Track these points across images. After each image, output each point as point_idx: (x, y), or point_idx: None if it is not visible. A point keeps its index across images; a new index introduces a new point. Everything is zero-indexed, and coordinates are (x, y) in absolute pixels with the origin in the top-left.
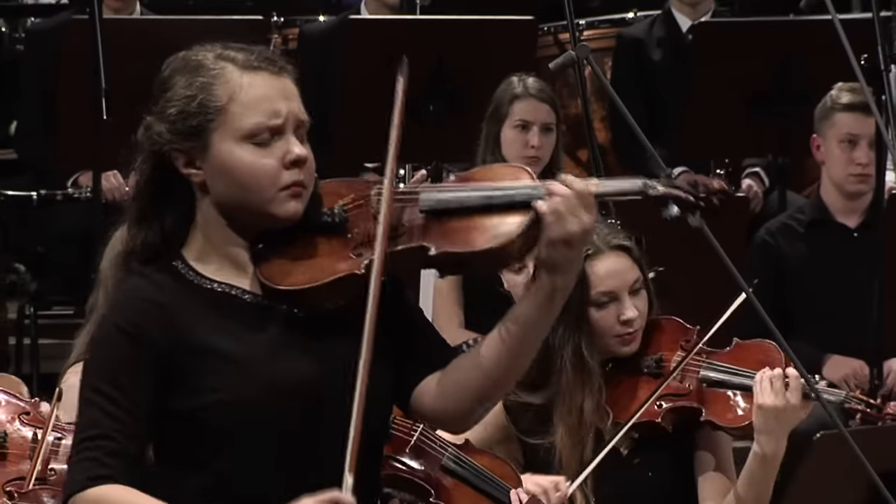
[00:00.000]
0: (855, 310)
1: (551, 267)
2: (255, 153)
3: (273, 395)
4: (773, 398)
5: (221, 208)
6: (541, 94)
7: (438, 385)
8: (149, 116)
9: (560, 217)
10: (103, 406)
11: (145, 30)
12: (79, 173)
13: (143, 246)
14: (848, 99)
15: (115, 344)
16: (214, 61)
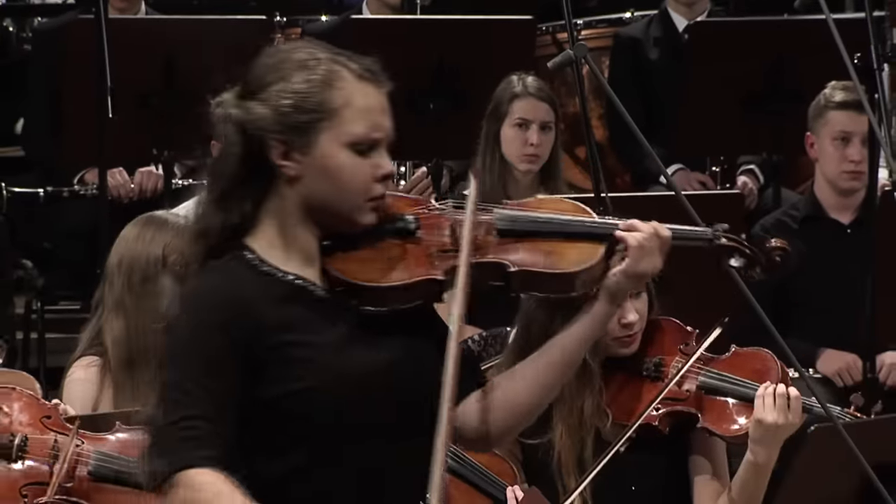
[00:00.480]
0: (848, 304)
1: (614, 296)
2: (356, 160)
3: (350, 384)
4: (774, 415)
5: (304, 204)
6: (540, 93)
7: (480, 405)
8: (245, 101)
9: (644, 252)
10: (199, 393)
11: (150, 29)
12: (85, 170)
13: (222, 228)
14: (841, 97)
15: (204, 337)
16: (330, 63)
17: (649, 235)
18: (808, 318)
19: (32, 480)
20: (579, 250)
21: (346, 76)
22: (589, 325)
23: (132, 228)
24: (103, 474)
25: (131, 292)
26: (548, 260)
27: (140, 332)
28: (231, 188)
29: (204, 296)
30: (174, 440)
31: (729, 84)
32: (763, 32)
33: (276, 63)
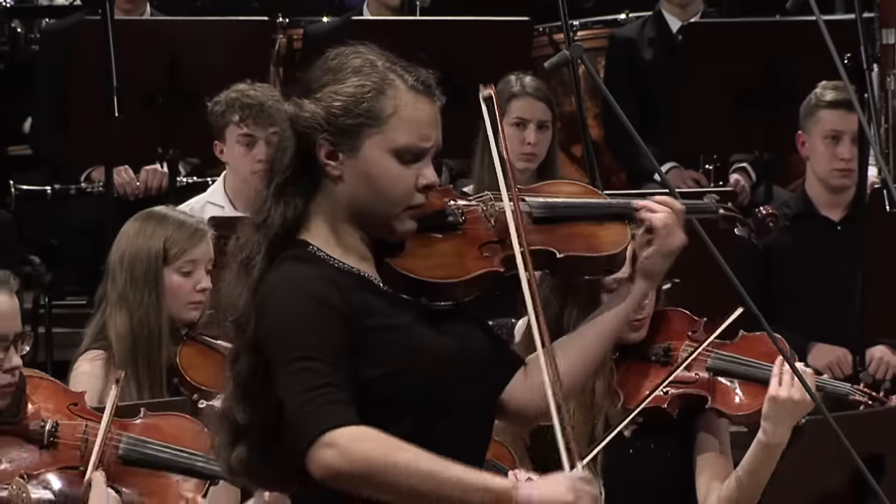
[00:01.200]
0: (838, 299)
1: (650, 274)
2: (399, 168)
3: (437, 366)
4: (789, 391)
5: (349, 204)
6: (537, 92)
7: (523, 384)
8: (300, 98)
9: (670, 229)
10: (320, 359)
11: (155, 30)
12: (91, 168)
13: (284, 221)
14: (832, 97)
15: (310, 313)
16: (385, 72)
17: (669, 213)
18: (799, 313)
19: (64, 465)
20: (612, 232)
21: (399, 86)
22: (630, 304)
23: (133, 224)
24: (132, 458)
25: (134, 287)
26: (588, 244)
27: (143, 325)
28: (285, 182)
29: (299, 277)
30: (313, 408)
31: (722, 83)
32: (755, 33)
33: (335, 65)
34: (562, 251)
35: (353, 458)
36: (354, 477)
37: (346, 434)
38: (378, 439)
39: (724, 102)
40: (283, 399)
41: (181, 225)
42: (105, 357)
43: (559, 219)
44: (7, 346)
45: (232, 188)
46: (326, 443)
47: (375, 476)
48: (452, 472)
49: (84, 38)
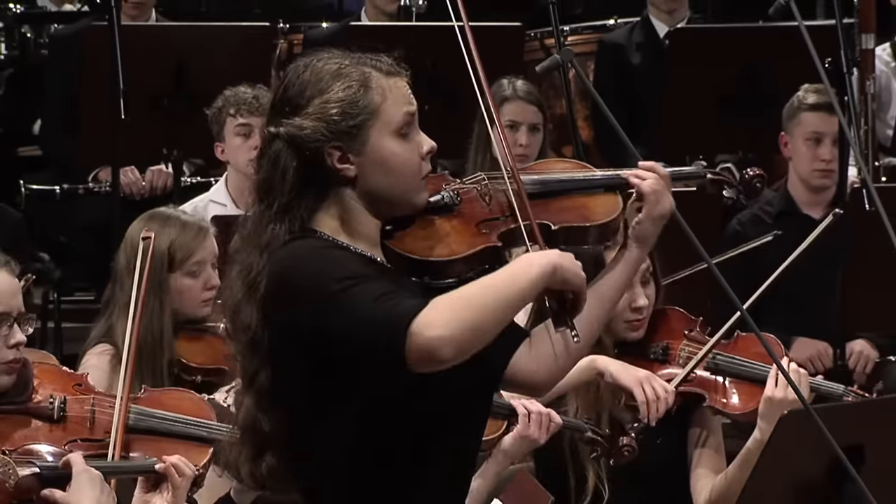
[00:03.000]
0: (819, 295)
1: (642, 239)
2: (404, 145)
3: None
4: (784, 391)
5: (365, 198)
6: (529, 96)
7: (529, 354)
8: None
9: (659, 195)
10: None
11: (160, 35)
12: (98, 169)
13: (290, 235)
14: (813, 99)
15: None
16: (359, 68)
17: (656, 178)
18: (781, 308)
19: (73, 437)
20: (603, 202)
21: (376, 75)
22: (625, 271)
23: (138, 226)
24: (141, 427)
25: None
26: (580, 215)
27: (148, 330)
28: (289, 201)
29: (307, 242)
30: (390, 307)
31: (707, 87)
32: (739, 38)
33: (312, 77)
34: (556, 223)
35: (454, 325)
36: (465, 339)
37: (431, 313)
38: (454, 297)
39: (710, 105)
40: (351, 325)
41: (183, 227)
42: (112, 352)
43: (551, 193)
44: (11, 323)
45: (234, 187)
46: (423, 325)
47: (479, 324)
48: (508, 285)
49: (92, 44)
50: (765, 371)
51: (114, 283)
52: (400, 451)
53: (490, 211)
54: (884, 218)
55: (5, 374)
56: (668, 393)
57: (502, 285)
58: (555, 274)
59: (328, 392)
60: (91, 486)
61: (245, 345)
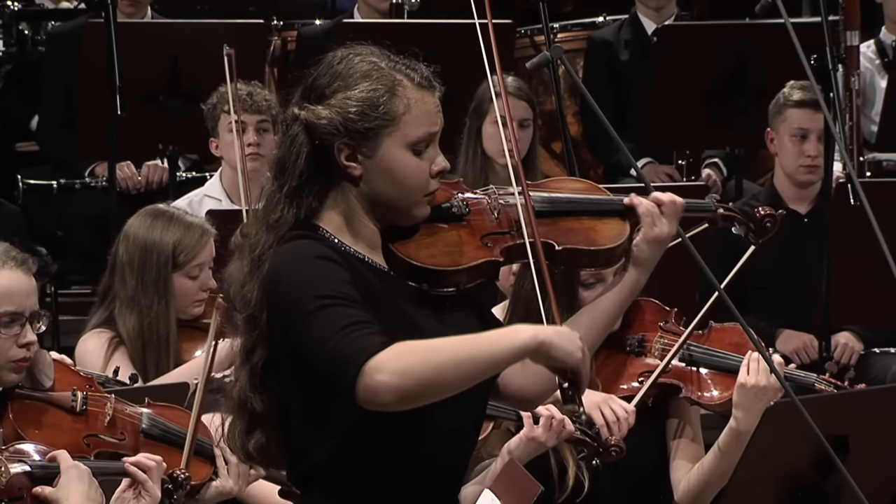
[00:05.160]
0: (805, 288)
1: (639, 262)
2: (415, 160)
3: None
4: (757, 378)
5: (367, 200)
6: (519, 92)
7: (520, 369)
8: (312, 104)
9: (655, 218)
10: (342, 304)
11: (156, 32)
12: (95, 164)
13: (295, 220)
14: (799, 96)
15: (323, 268)
16: (391, 73)
17: (652, 203)
18: (767, 301)
19: (93, 432)
20: (611, 226)
21: (406, 84)
22: (621, 293)
23: (140, 224)
24: (153, 434)
25: (144, 292)
26: (588, 238)
27: (153, 330)
28: (299, 184)
29: (308, 244)
30: (350, 342)
31: (694, 83)
32: (726, 35)
33: (342, 71)
34: (560, 244)
35: (405, 374)
36: (413, 390)
37: (388, 355)
38: (413, 348)
39: (697, 101)
40: (315, 346)
41: (188, 228)
42: (110, 336)
43: (561, 213)
44: (23, 322)
45: (228, 182)
46: (374, 369)
47: (429, 381)
48: (485, 348)
49: (88, 41)
50: (739, 361)
51: (111, 274)
52: (387, 442)
53: (497, 224)
54: (868, 212)
55: (13, 373)
56: (628, 413)
57: (478, 347)
58: (539, 349)
59: (314, 385)
60: (80, 480)
61: (245, 319)
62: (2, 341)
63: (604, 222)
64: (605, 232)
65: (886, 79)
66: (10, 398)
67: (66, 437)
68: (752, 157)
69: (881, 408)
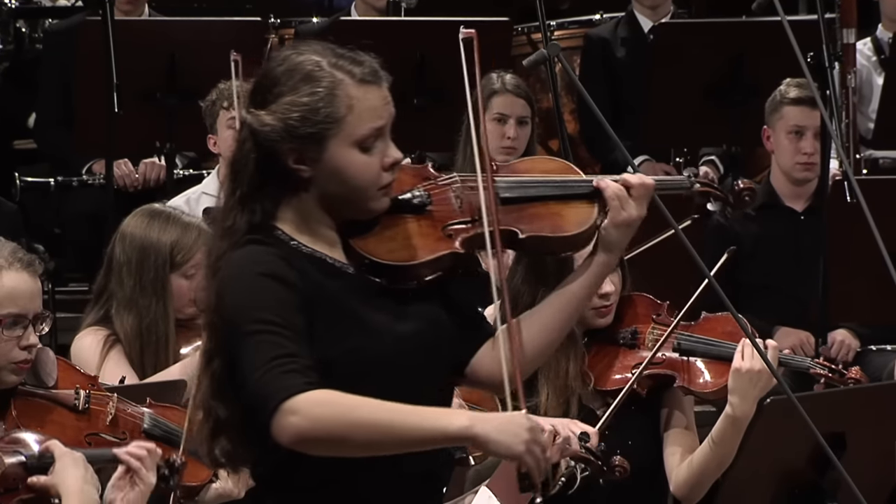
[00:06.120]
0: (801, 285)
1: (608, 246)
2: (363, 158)
3: (392, 347)
4: (751, 363)
5: (322, 200)
6: (517, 89)
7: (491, 355)
8: (257, 110)
9: (623, 201)
10: (277, 332)
11: (153, 30)
12: (93, 161)
13: (249, 225)
14: (795, 93)
15: (266, 287)
16: (332, 72)
17: (620, 186)
18: (764, 298)
19: (95, 430)
20: (577, 211)
21: (348, 83)
22: (593, 274)
23: (137, 224)
24: (155, 434)
25: (143, 293)
26: (553, 224)
27: (151, 331)
28: (251, 190)
29: (255, 256)
30: (273, 377)
31: (691, 81)
32: (723, 33)
33: (283, 73)
34: (525, 231)
35: (316, 421)
36: (320, 439)
37: (308, 399)
38: (337, 400)
39: (694, 99)
40: (244, 372)
41: (185, 228)
42: (106, 334)
43: (527, 199)
44: (26, 324)
45: None
46: (289, 410)
47: (339, 436)
48: (411, 422)
49: (86, 38)
50: (733, 349)
51: (107, 274)
52: None
53: (460, 213)
54: (865, 210)
55: (13, 374)
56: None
57: (404, 419)
58: (473, 441)
59: None
60: (75, 466)
61: (205, 324)
62: (4, 343)
63: (571, 207)
64: (572, 217)
65: (883, 76)
66: (12, 395)
67: (68, 435)
68: (748, 155)
69: (878, 405)
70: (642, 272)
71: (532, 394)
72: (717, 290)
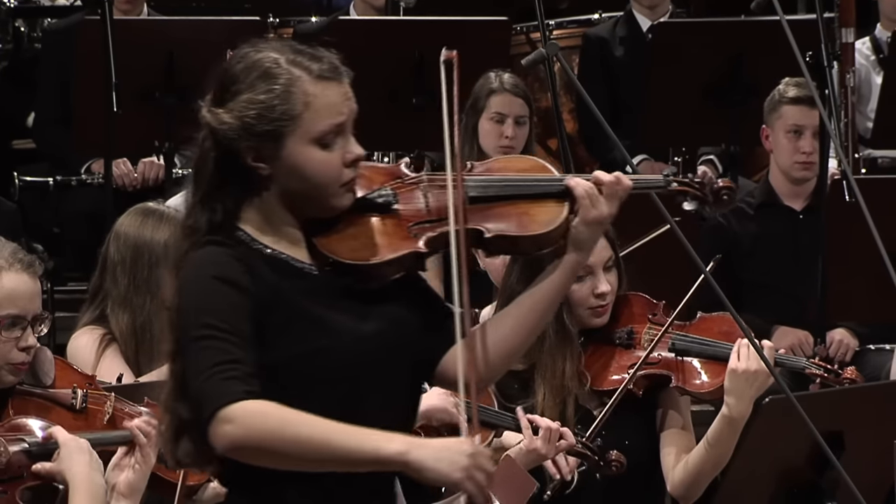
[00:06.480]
0: (800, 284)
1: (577, 244)
2: (322, 154)
3: (352, 348)
4: (747, 363)
5: (284, 198)
6: (515, 88)
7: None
8: (216, 108)
9: (594, 200)
10: (223, 338)
11: (152, 29)
12: (91, 161)
13: (209, 225)
14: (794, 93)
15: (217, 291)
16: (289, 69)
17: (591, 184)
18: (762, 297)
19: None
20: (546, 210)
21: (305, 79)
22: (563, 274)
23: (130, 223)
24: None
25: (137, 291)
26: (520, 223)
27: (146, 329)
28: (212, 189)
29: (212, 258)
30: (215, 383)
31: (690, 80)
32: (721, 32)
33: (242, 71)
34: (490, 230)
35: (250, 431)
36: (252, 450)
37: (244, 408)
38: (274, 413)
39: (692, 98)
40: (188, 376)
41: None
42: (102, 333)
43: (495, 198)
44: (25, 325)
45: None
46: (225, 418)
47: (272, 448)
48: (346, 443)
49: (85, 38)
50: (729, 349)
51: (102, 273)
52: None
53: (427, 212)
54: (863, 209)
55: (11, 375)
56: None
57: (340, 438)
58: (406, 468)
59: None
60: (80, 452)
61: (166, 322)
62: (2, 343)
63: (540, 206)
64: (540, 216)
65: (881, 75)
66: (10, 394)
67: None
68: (747, 154)
69: (876, 404)
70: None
71: (528, 394)
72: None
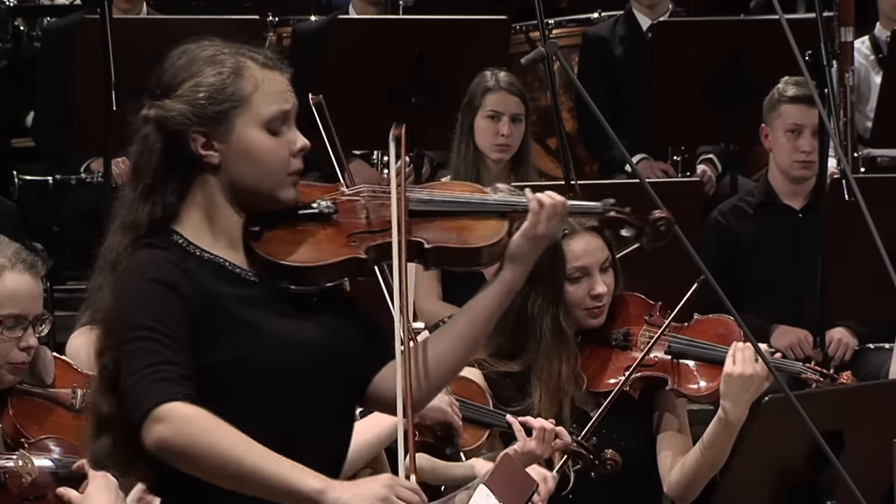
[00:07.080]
0: (799, 283)
1: (514, 258)
2: (271, 140)
3: (285, 354)
4: (743, 367)
5: (229, 189)
6: (511, 87)
7: (392, 376)
8: (163, 100)
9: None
10: (158, 340)
11: (151, 28)
12: (91, 160)
13: (149, 220)
14: (793, 92)
15: (153, 294)
16: (234, 55)
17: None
18: (762, 296)
19: None
20: (486, 226)
21: (251, 65)
22: (501, 288)
23: None
24: None
25: None
26: (458, 237)
27: None
28: (154, 182)
29: (149, 260)
30: (147, 384)
31: (689, 79)
32: (721, 31)
33: (186, 62)
34: (430, 242)
35: (180, 436)
36: (177, 452)
37: (178, 411)
38: (202, 420)
39: (692, 97)
40: (122, 376)
41: None
42: None
43: (435, 213)
44: (26, 325)
45: None
46: (157, 417)
47: (192, 454)
48: (266, 468)
49: (84, 37)
50: (725, 352)
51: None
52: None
53: (367, 224)
54: (863, 208)
55: (11, 374)
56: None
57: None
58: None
59: None
60: (107, 490)
61: (99, 320)
62: (3, 343)
63: (480, 222)
64: (480, 231)
65: (881, 74)
66: (10, 394)
67: (66, 435)
68: (746, 153)
69: (876, 403)
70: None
71: (524, 396)
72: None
